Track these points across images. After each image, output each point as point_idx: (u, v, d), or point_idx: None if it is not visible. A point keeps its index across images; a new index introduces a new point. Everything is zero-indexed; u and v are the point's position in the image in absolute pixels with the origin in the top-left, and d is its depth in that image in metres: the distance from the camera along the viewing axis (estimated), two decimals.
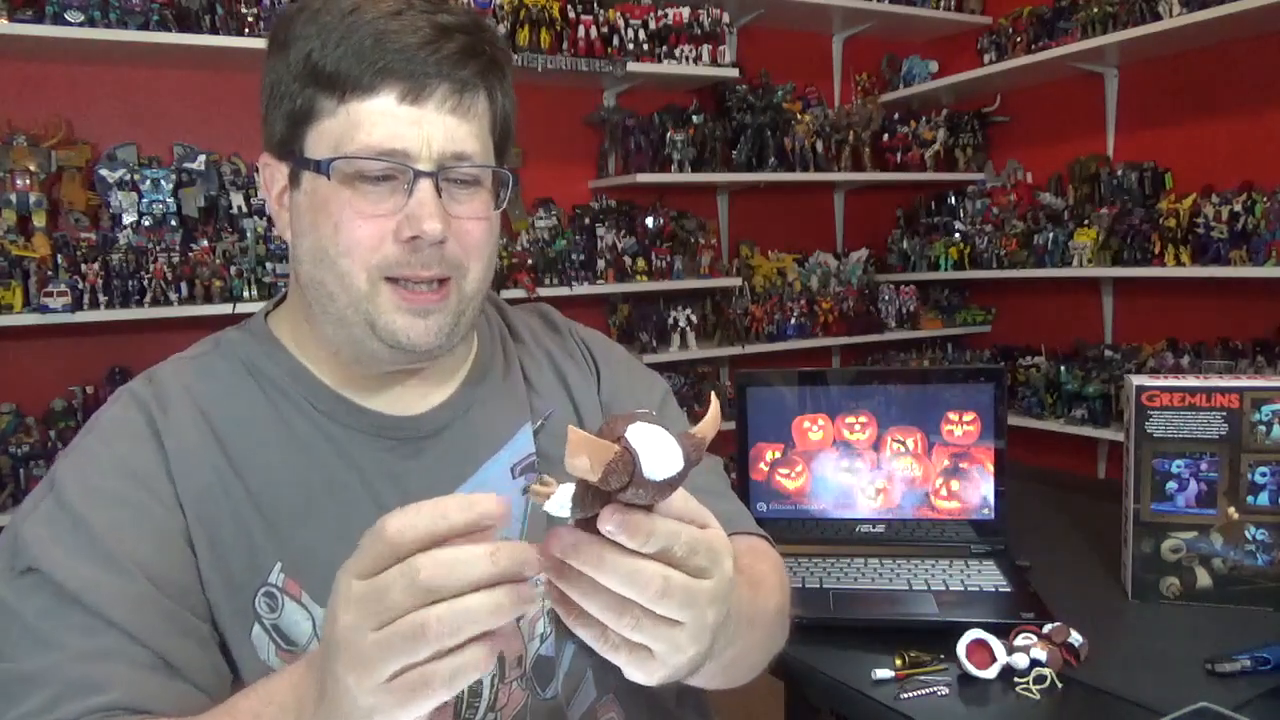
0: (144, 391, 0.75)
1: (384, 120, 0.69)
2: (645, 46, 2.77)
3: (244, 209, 2.39)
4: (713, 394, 0.55)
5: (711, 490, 0.87)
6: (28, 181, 2.12)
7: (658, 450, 0.45)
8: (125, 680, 0.63)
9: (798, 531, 1.37)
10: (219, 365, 0.78)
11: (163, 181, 2.27)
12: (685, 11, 2.82)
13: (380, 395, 0.79)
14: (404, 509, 0.45)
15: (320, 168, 0.70)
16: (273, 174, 0.75)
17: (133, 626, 0.64)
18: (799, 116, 3.16)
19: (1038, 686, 0.93)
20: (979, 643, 0.96)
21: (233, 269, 2.26)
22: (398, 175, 0.70)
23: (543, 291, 2.64)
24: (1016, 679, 0.94)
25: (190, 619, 0.68)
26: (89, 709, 0.61)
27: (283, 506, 0.73)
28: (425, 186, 0.70)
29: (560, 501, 0.47)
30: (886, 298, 3.30)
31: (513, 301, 0.95)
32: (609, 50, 2.71)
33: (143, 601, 0.66)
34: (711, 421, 0.50)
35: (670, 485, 0.46)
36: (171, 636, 0.66)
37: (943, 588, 1.16)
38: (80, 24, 2.07)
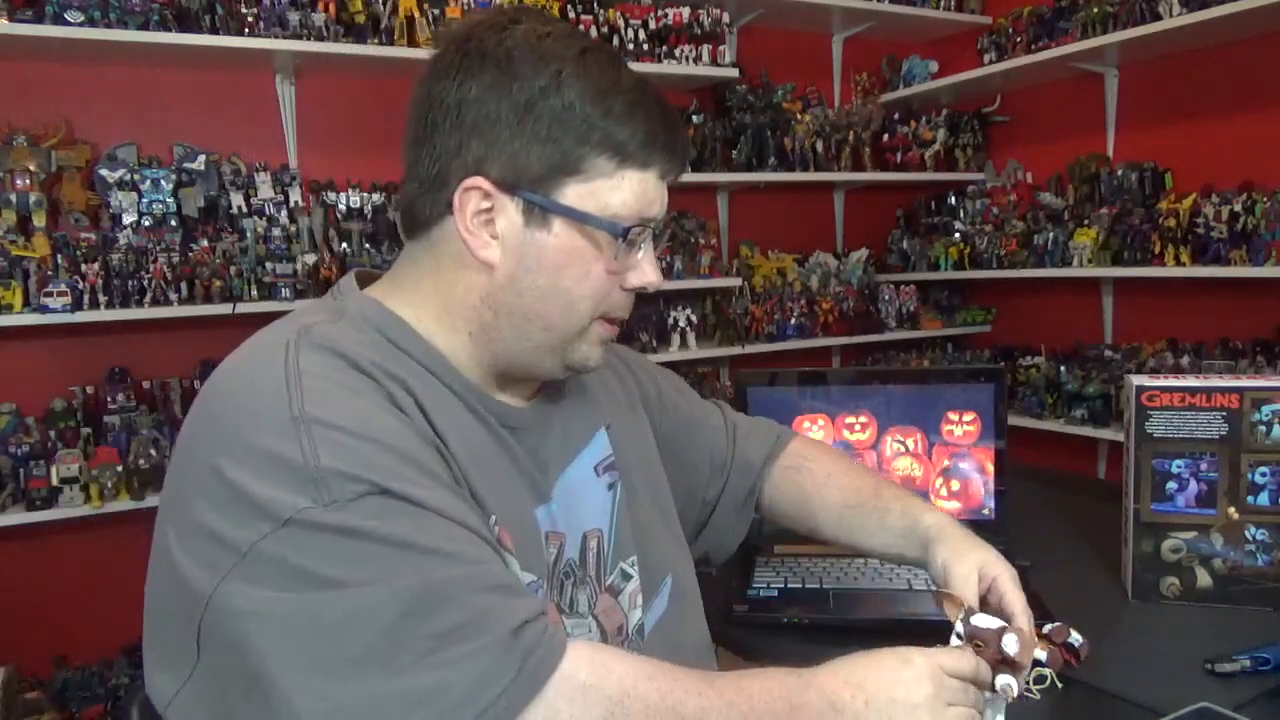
0: (327, 338, 0.71)
1: (648, 191, 0.78)
2: (645, 46, 2.77)
3: (244, 209, 2.39)
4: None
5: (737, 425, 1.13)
6: (28, 181, 2.12)
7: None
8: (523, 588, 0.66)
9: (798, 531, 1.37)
10: (368, 335, 0.77)
11: (163, 181, 2.27)
12: (685, 11, 2.82)
13: (491, 385, 0.83)
14: (964, 655, 0.77)
15: (614, 229, 0.76)
16: (480, 199, 0.75)
17: (489, 539, 0.67)
18: (799, 116, 3.16)
19: (1038, 686, 0.93)
20: None
21: (233, 269, 2.26)
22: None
23: None
24: None
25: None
26: (539, 609, 0.64)
27: (477, 464, 0.75)
28: (650, 246, 0.81)
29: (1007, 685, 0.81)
30: (886, 298, 3.30)
31: None
32: None
33: (480, 521, 0.68)
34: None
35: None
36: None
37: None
38: (80, 24, 2.07)
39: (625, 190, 0.76)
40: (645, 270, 0.81)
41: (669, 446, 1.04)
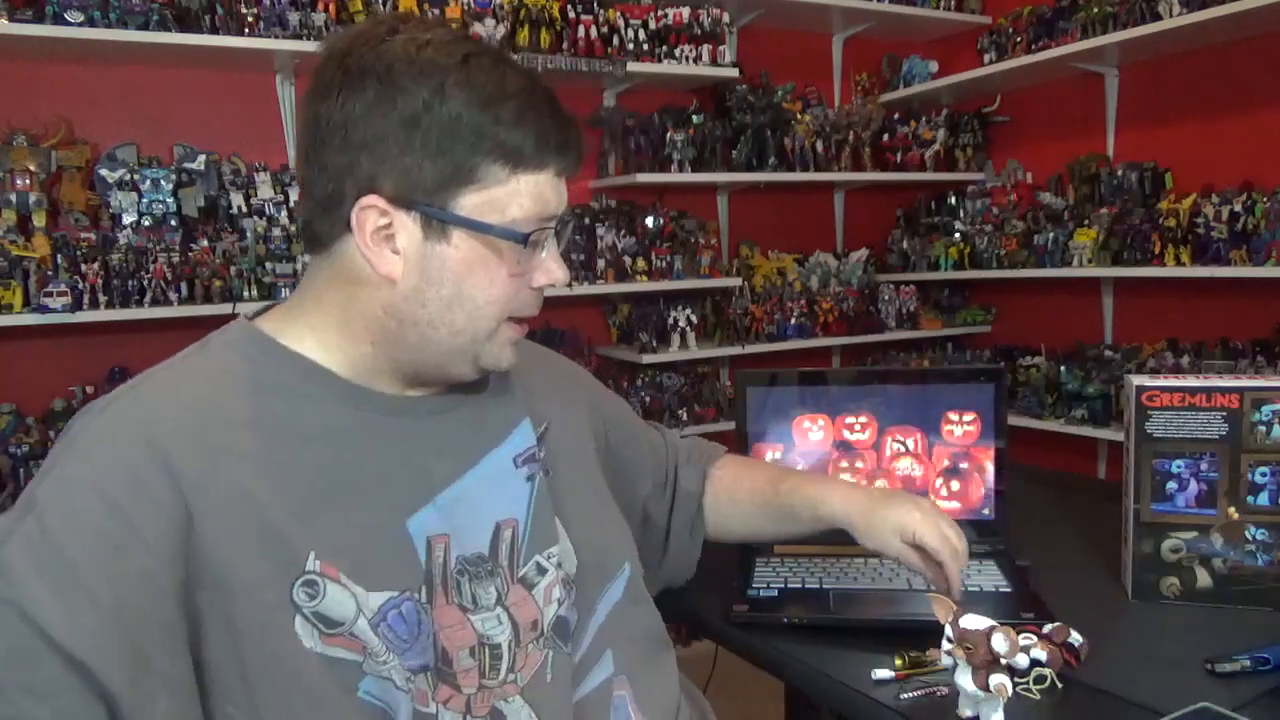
0: (135, 408, 0.73)
1: (545, 192, 0.78)
2: (645, 46, 2.77)
3: (244, 209, 2.39)
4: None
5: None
6: (28, 181, 2.12)
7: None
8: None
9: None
10: (214, 370, 0.79)
11: (163, 181, 2.27)
12: (685, 11, 2.82)
13: (397, 387, 0.84)
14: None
15: (511, 235, 0.76)
16: (378, 216, 0.75)
17: (108, 675, 0.63)
18: (799, 116, 3.16)
19: (1038, 686, 0.93)
20: None
21: (233, 269, 2.26)
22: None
23: None
24: (1016, 679, 0.94)
25: (160, 666, 0.67)
26: None
27: (307, 497, 0.74)
28: (554, 244, 0.82)
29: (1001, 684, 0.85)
30: (886, 298, 3.30)
31: None
32: (609, 50, 2.71)
33: (113, 643, 0.65)
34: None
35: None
36: (137, 680, 0.65)
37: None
38: (80, 24, 2.07)
39: (522, 195, 0.77)
40: (551, 269, 0.82)
41: (613, 455, 1.06)
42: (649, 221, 2.91)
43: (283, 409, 0.77)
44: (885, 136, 3.36)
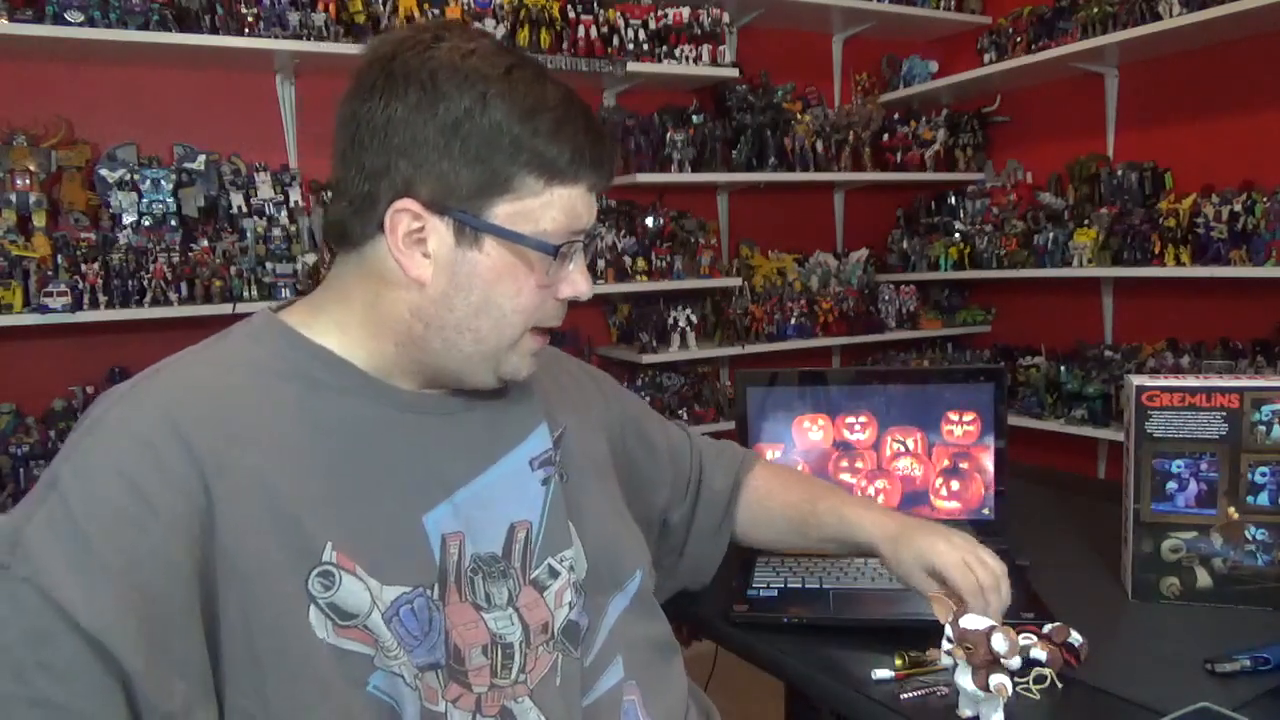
0: (158, 393, 0.74)
1: (576, 206, 0.79)
2: (645, 46, 2.77)
3: (244, 209, 2.39)
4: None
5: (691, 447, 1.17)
6: (28, 181, 2.12)
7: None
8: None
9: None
10: (237, 358, 0.79)
11: (163, 181, 2.27)
12: (685, 11, 2.82)
13: (411, 383, 0.84)
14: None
15: (542, 246, 0.77)
16: (411, 219, 0.76)
17: (126, 656, 0.64)
18: (799, 116, 3.16)
19: (1038, 686, 0.93)
20: None
21: (233, 269, 2.26)
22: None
23: None
24: (1016, 679, 0.94)
25: (177, 648, 0.68)
26: None
27: (324, 490, 0.75)
28: (580, 256, 0.83)
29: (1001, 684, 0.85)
30: (886, 298, 3.30)
31: None
32: (609, 50, 2.71)
33: (131, 624, 0.65)
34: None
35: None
36: (154, 661, 0.66)
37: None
38: (80, 24, 2.07)
39: (555, 207, 0.78)
40: (576, 281, 0.83)
41: (630, 460, 1.07)
42: (649, 221, 2.91)
43: (305, 398, 0.78)
44: (885, 136, 3.36)
